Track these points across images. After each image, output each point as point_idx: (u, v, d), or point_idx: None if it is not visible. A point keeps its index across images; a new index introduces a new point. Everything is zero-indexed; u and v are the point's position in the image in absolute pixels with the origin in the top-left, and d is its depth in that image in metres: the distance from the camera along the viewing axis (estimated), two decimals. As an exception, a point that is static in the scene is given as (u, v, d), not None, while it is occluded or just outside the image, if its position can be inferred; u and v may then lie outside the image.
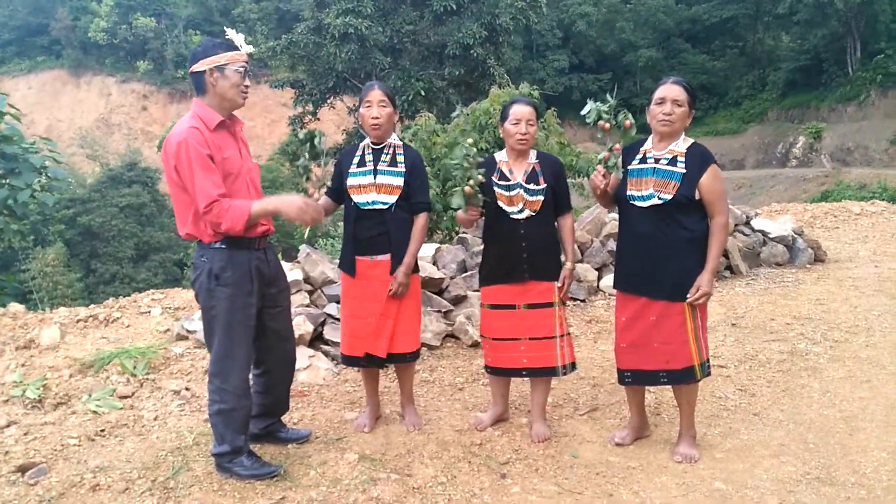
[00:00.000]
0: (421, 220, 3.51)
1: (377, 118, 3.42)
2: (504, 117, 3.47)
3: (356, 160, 3.49)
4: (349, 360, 3.64)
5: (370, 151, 3.50)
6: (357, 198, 3.44)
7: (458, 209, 3.36)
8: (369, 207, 3.42)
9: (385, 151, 3.49)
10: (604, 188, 3.26)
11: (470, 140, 3.39)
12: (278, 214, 2.94)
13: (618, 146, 3.21)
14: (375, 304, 3.46)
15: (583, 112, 3.21)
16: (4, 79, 49.75)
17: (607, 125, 3.17)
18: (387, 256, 3.45)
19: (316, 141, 3.33)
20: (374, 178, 3.43)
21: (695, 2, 49.20)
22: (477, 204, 3.35)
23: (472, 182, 3.26)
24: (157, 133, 44.37)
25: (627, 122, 3.20)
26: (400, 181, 3.44)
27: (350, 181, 3.46)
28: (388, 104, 3.45)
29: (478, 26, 23.82)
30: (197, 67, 2.94)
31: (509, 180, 3.45)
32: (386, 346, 3.47)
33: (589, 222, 6.73)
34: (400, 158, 3.49)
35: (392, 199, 3.42)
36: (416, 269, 3.54)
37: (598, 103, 3.19)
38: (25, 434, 3.57)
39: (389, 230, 3.43)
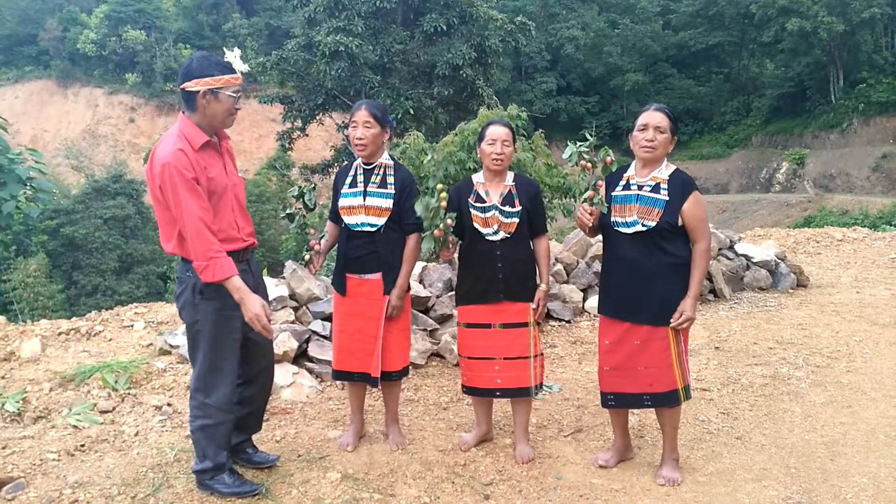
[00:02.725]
0: (412, 241, 3.52)
1: (361, 139, 3.44)
2: (480, 138, 3.50)
3: (349, 180, 3.51)
4: (339, 375, 3.65)
5: (361, 172, 3.52)
6: (347, 219, 3.47)
7: (429, 252, 3.42)
8: (359, 229, 3.45)
9: (375, 172, 3.51)
10: (592, 225, 3.30)
11: (440, 185, 3.44)
12: (239, 304, 2.89)
13: (601, 182, 3.26)
14: (363, 321, 3.49)
15: (564, 156, 3.31)
16: (-9, 88, 49.56)
17: (588, 164, 3.24)
18: (376, 275, 3.47)
19: (307, 198, 3.52)
20: (364, 199, 3.44)
21: (681, 28, 50.03)
22: (447, 246, 3.39)
23: (441, 227, 3.32)
24: (144, 146, 44.02)
25: (609, 159, 3.26)
26: (389, 203, 3.44)
27: (341, 202, 3.50)
28: (373, 125, 3.44)
29: (467, 47, 24.07)
30: (191, 86, 2.86)
31: (485, 202, 3.46)
32: (379, 365, 3.49)
33: (575, 243, 6.77)
34: (390, 179, 3.50)
35: (381, 221, 3.44)
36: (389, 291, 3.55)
37: (578, 144, 3.27)
38: (4, 448, 3.52)
39: (379, 250, 3.45)
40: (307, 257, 3.51)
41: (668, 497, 3.20)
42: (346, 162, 3.66)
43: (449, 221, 3.33)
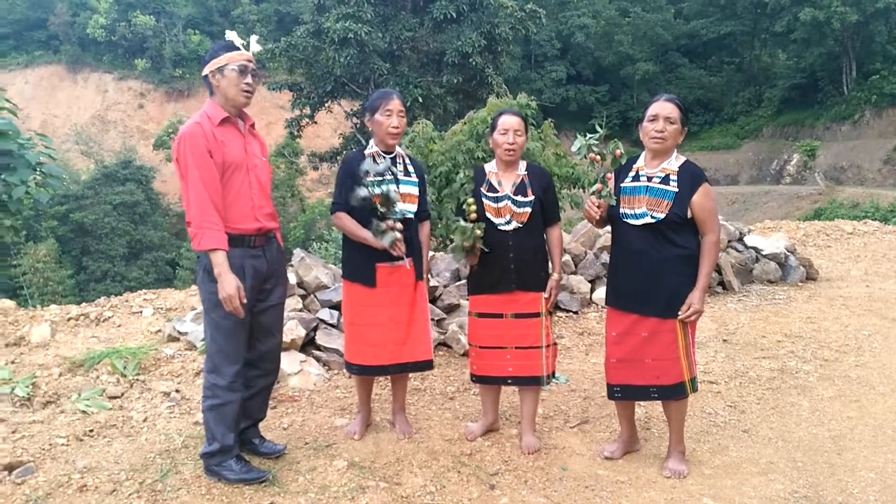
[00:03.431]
0: (428, 228, 3.63)
1: (397, 128, 3.45)
2: (493, 128, 3.51)
3: None
4: (370, 371, 3.55)
5: (382, 160, 3.49)
6: (363, 192, 3.37)
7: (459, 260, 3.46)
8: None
9: (397, 161, 3.52)
10: (600, 217, 3.31)
11: (471, 200, 3.46)
12: (217, 279, 2.93)
13: (610, 175, 3.26)
14: (394, 309, 3.48)
15: (573, 149, 3.31)
16: (1, 73, 49.59)
17: (598, 157, 3.24)
18: (405, 261, 3.46)
19: (392, 195, 3.34)
20: (397, 187, 3.44)
21: (693, 17, 49.59)
22: (475, 253, 3.43)
23: (473, 237, 3.36)
24: (153, 131, 44.28)
25: (618, 152, 3.26)
26: (416, 190, 3.52)
27: (375, 190, 3.39)
28: (405, 114, 3.49)
29: (477, 35, 23.93)
30: (204, 71, 3.11)
31: (497, 192, 3.46)
32: (430, 349, 3.57)
33: (583, 234, 6.75)
34: (410, 168, 3.55)
35: (414, 207, 3.49)
36: (420, 276, 3.58)
37: (587, 136, 3.26)
38: (13, 432, 3.55)
39: (410, 236, 3.47)
40: (398, 236, 3.31)
41: (673, 489, 3.20)
42: (353, 149, 3.62)
43: (478, 233, 3.37)
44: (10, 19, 53.33)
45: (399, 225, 3.34)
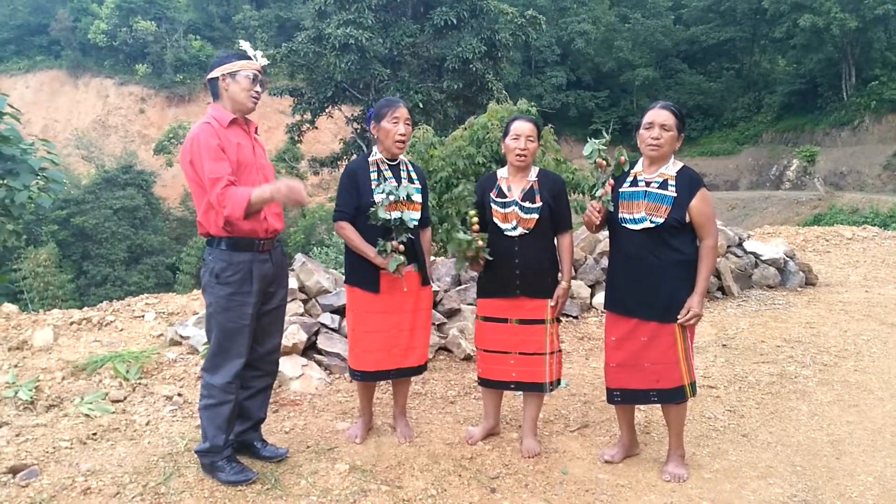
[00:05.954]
0: (428, 234, 3.65)
1: (404, 135, 3.47)
2: (505, 133, 3.53)
3: (373, 176, 3.46)
4: (372, 376, 3.56)
5: (386, 168, 3.50)
6: (386, 214, 3.39)
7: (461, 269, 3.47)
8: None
9: (402, 168, 3.55)
10: (599, 223, 3.36)
11: (473, 212, 3.50)
12: (273, 200, 3.01)
13: (611, 181, 3.29)
14: (399, 315, 3.51)
15: (584, 153, 3.33)
16: (2, 77, 49.70)
17: (604, 163, 3.27)
18: (408, 268, 3.48)
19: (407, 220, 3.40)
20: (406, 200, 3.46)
21: (693, 23, 49.65)
22: (478, 262, 3.47)
23: (473, 248, 3.39)
24: (154, 136, 44.38)
25: (622, 159, 3.31)
26: (420, 197, 3.52)
27: (378, 198, 3.38)
28: (411, 122, 3.52)
29: (477, 41, 24.04)
30: (212, 74, 3.17)
31: (506, 197, 3.48)
32: (418, 356, 3.58)
33: (583, 239, 6.78)
34: (414, 175, 3.57)
35: (418, 214, 3.49)
36: (427, 281, 3.60)
37: (595, 141, 3.30)
38: (17, 435, 3.57)
39: (414, 242, 3.48)
40: (402, 260, 3.36)
41: (673, 493, 3.22)
42: (354, 156, 3.64)
43: (480, 242, 3.39)
44: (12, 24, 53.45)
45: (402, 247, 3.37)
